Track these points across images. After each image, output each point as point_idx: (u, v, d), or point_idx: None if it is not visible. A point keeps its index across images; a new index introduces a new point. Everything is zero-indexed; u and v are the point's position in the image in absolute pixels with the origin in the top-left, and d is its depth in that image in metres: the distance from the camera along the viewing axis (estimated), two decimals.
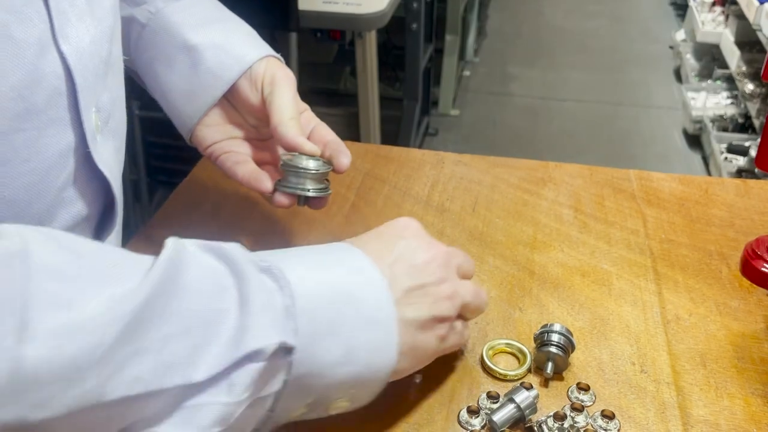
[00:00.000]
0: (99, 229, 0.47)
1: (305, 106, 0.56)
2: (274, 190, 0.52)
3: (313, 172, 0.51)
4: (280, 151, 0.55)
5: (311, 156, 0.51)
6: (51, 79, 0.39)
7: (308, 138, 0.53)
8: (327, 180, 0.53)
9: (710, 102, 2.64)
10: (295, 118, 0.51)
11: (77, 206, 0.43)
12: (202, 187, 0.73)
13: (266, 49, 0.56)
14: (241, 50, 0.54)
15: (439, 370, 0.51)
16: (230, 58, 0.54)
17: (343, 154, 0.53)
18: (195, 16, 0.55)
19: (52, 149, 0.40)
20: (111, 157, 0.46)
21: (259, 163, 0.55)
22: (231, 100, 0.55)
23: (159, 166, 1.86)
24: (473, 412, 0.47)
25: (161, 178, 1.88)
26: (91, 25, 0.42)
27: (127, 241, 0.66)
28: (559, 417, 0.46)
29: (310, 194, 0.51)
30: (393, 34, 2.33)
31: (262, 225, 0.67)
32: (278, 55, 0.56)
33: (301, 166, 0.50)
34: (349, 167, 0.52)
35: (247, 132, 0.56)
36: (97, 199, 0.45)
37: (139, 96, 1.67)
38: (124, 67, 0.50)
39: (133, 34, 0.56)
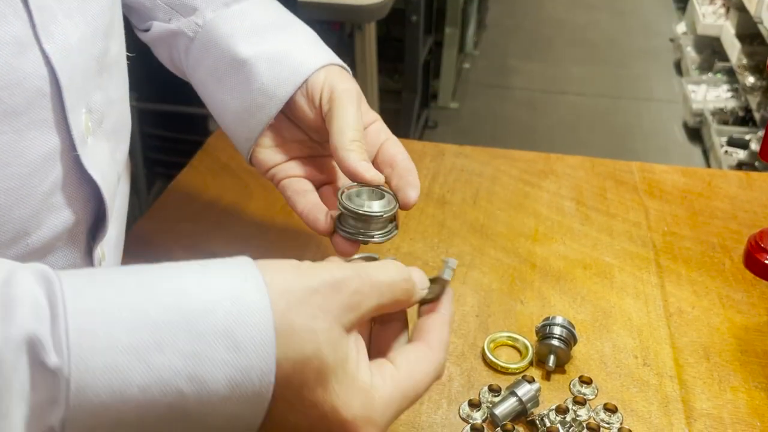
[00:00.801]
0: (93, 234, 0.45)
1: (374, 116, 0.50)
2: (334, 230, 0.45)
3: (378, 215, 0.43)
4: (342, 179, 0.49)
5: (375, 188, 0.44)
6: (33, 80, 0.36)
7: (375, 157, 0.47)
8: (394, 218, 0.45)
9: (711, 95, 2.64)
10: (358, 140, 0.45)
11: (66, 211, 0.41)
12: (200, 179, 0.72)
13: (326, 56, 0.49)
14: (296, 61, 0.48)
15: None
16: (285, 70, 0.47)
17: (411, 185, 0.45)
18: (247, 25, 0.49)
19: (35, 153, 0.38)
20: (104, 160, 0.44)
21: (327, 183, 0.50)
22: (290, 116, 0.49)
23: (157, 158, 1.86)
24: (475, 405, 0.47)
25: (159, 170, 1.87)
26: (82, 21, 0.40)
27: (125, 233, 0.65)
28: (562, 410, 0.46)
29: (375, 240, 0.44)
30: (392, 26, 2.32)
31: (260, 218, 0.66)
32: (341, 63, 0.50)
33: (361, 211, 0.43)
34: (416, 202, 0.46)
35: (310, 150, 0.50)
36: (89, 203, 0.43)
37: (136, 87, 1.67)
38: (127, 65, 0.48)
39: (182, 48, 0.52)
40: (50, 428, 0.26)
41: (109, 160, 0.45)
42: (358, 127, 0.45)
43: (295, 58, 0.48)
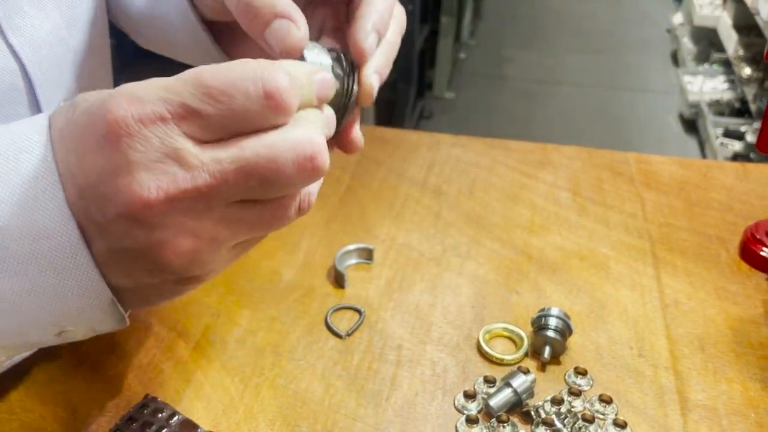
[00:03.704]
0: None
1: None
2: None
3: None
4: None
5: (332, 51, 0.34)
6: (2, 75, 0.35)
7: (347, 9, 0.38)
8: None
9: (707, 86, 2.63)
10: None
11: None
12: None
13: None
14: None
15: (435, 354, 0.50)
16: None
17: (360, 17, 0.35)
18: None
19: None
20: None
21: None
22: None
23: None
24: (470, 396, 0.46)
25: None
26: (55, 11, 0.38)
27: None
28: (557, 401, 0.46)
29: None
30: None
31: None
32: None
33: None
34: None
35: None
36: None
37: (128, 76, 1.65)
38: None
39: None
40: None
41: None
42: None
43: None
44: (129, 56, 1.61)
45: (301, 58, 0.32)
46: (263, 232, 0.30)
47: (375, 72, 0.35)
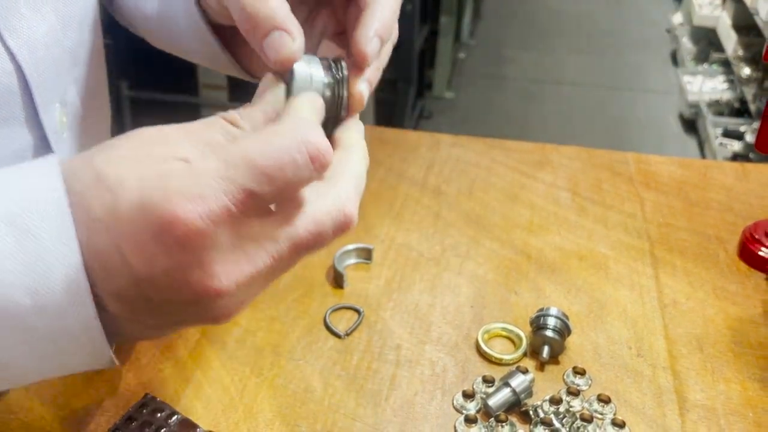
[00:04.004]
0: None
1: None
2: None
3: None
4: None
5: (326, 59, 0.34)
6: None
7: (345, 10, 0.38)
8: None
9: (706, 86, 2.64)
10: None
11: None
12: None
13: None
14: None
15: (434, 353, 0.51)
16: None
17: (362, 25, 0.35)
18: None
19: (6, 150, 0.36)
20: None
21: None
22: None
23: None
24: (468, 395, 0.46)
25: None
26: (51, 12, 0.38)
27: None
28: (555, 401, 0.46)
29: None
30: None
31: None
32: None
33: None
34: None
35: None
36: None
37: (129, 76, 1.65)
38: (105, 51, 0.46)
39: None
40: None
41: None
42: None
43: None
44: (128, 56, 1.61)
45: (290, 69, 0.33)
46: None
47: (366, 80, 0.36)
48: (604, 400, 0.46)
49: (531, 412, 0.45)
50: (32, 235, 0.26)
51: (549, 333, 0.49)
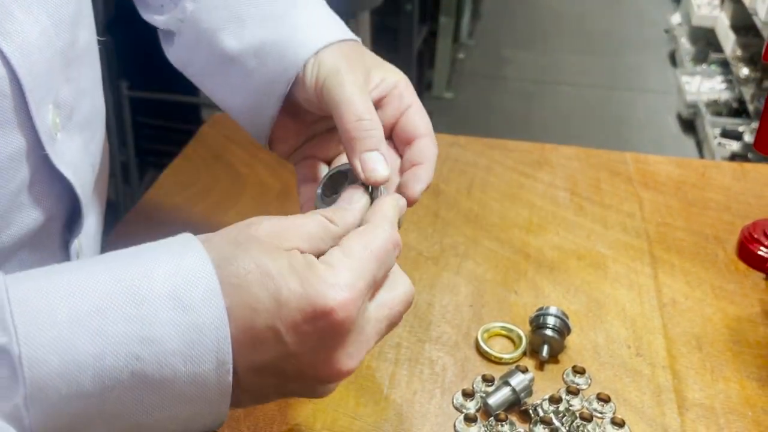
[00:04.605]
0: (68, 228, 0.43)
1: (394, 79, 0.43)
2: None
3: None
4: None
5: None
6: None
7: (394, 129, 0.43)
8: None
9: (705, 86, 2.64)
10: (363, 119, 0.39)
11: (37, 210, 0.39)
12: (192, 168, 0.71)
13: (318, 39, 0.43)
14: (286, 51, 0.43)
15: (433, 352, 0.51)
16: (275, 65, 0.43)
17: (418, 179, 0.41)
18: (227, 14, 0.44)
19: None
20: (77, 154, 0.42)
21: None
22: (297, 103, 0.45)
23: (149, 148, 1.84)
24: (468, 395, 0.47)
25: (151, 160, 1.86)
26: (43, 14, 0.37)
27: (115, 223, 0.65)
28: (555, 400, 0.46)
29: None
30: (386, 16, 2.31)
31: (253, 206, 0.66)
32: (340, 38, 0.43)
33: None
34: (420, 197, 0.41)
35: (329, 122, 0.45)
36: (62, 199, 0.41)
37: (128, 75, 1.65)
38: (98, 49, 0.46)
39: (168, 44, 0.48)
40: (16, 406, 0.27)
41: (82, 154, 0.43)
42: (358, 102, 0.40)
43: (284, 48, 0.43)
44: (128, 56, 1.61)
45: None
46: None
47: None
48: (604, 399, 0.47)
49: (531, 411, 0.45)
50: (190, 308, 0.29)
51: (549, 332, 0.49)
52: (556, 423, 0.44)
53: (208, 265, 0.30)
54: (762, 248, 0.60)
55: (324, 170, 0.45)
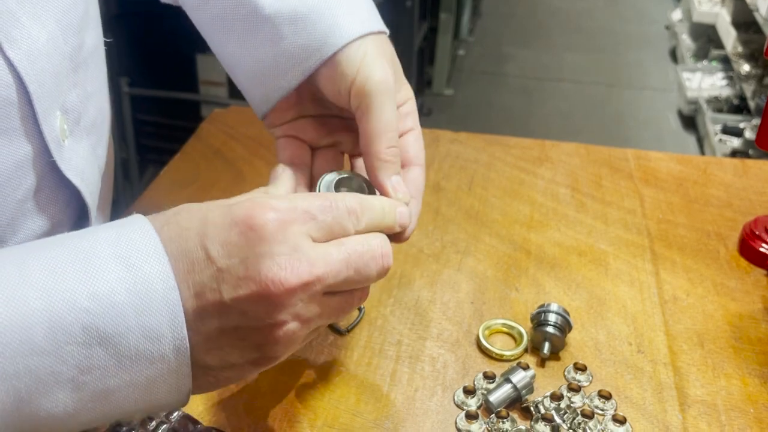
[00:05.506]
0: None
1: (405, 95, 0.44)
2: None
3: None
4: (350, 143, 0.46)
5: (360, 178, 0.41)
6: None
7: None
8: None
9: (705, 83, 2.63)
10: (394, 146, 0.40)
11: (44, 216, 0.39)
12: (192, 165, 0.71)
13: (364, 22, 0.42)
14: (327, 26, 0.41)
15: (434, 349, 0.51)
16: (312, 37, 0.41)
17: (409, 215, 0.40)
18: None
19: (6, 162, 0.35)
20: (84, 159, 0.41)
21: (332, 146, 0.46)
22: (311, 83, 0.43)
23: (149, 145, 1.84)
24: (469, 392, 0.46)
25: (151, 157, 1.86)
26: (50, 19, 0.37)
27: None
28: (556, 397, 0.46)
29: None
30: (387, 12, 2.30)
31: None
32: (381, 29, 0.43)
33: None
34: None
35: (326, 110, 0.45)
36: (69, 205, 0.41)
37: (129, 73, 1.65)
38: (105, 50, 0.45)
39: None
40: None
41: (89, 158, 0.42)
42: (394, 129, 0.41)
43: (325, 22, 0.41)
44: (128, 53, 1.61)
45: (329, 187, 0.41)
46: (337, 317, 0.36)
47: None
48: (605, 396, 0.46)
49: (532, 408, 0.45)
50: (134, 266, 0.31)
51: (550, 329, 0.49)
52: (558, 420, 0.44)
53: (147, 225, 0.32)
54: (763, 245, 0.59)
55: (306, 154, 0.45)
